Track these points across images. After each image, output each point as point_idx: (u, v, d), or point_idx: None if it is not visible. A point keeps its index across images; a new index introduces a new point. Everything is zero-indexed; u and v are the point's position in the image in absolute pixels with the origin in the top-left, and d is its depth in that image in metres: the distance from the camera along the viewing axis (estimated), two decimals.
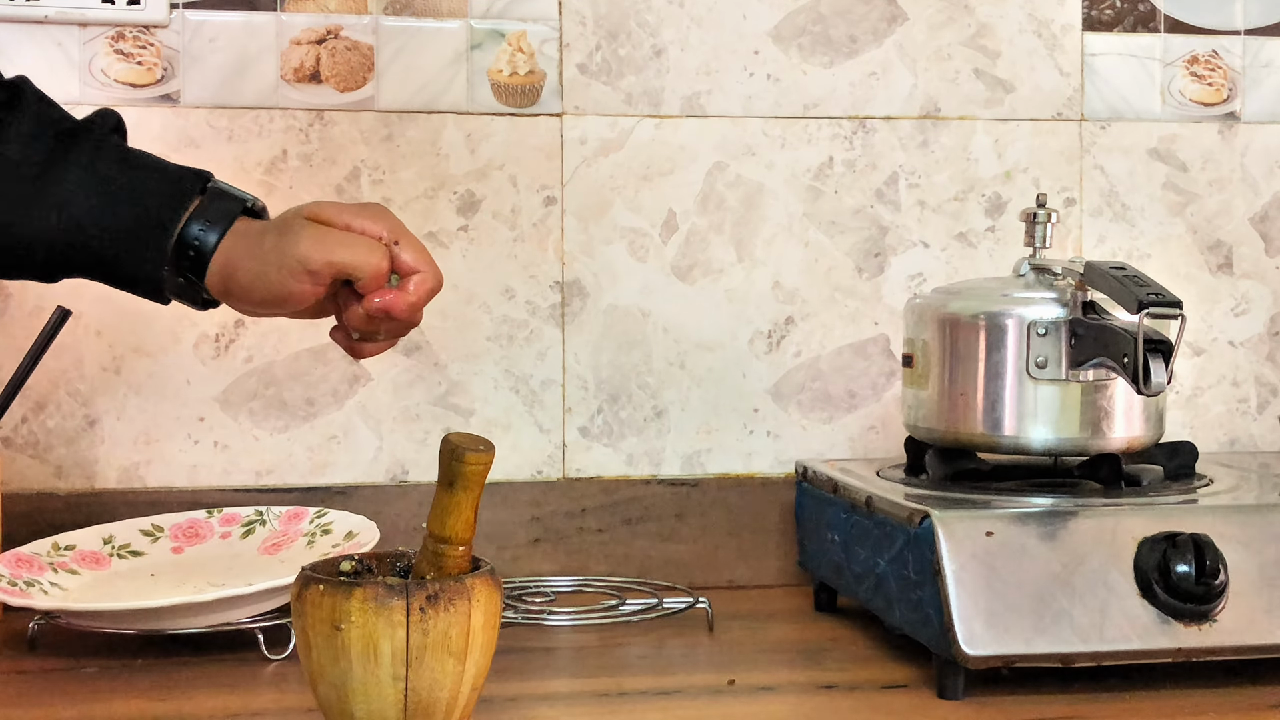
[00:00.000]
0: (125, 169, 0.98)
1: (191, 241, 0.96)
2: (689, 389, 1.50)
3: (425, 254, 0.97)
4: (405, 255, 0.96)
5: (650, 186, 1.50)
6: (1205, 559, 1.07)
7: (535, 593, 1.41)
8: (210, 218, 0.97)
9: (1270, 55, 1.58)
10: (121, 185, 0.97)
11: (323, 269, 0.94)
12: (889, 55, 1.52)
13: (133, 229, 0.96)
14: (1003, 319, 1.23)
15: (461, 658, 0.91)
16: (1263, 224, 1.58)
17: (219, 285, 0.97)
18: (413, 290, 0.96)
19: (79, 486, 1.42)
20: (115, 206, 0.96)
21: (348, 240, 0.95)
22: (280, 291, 0.95)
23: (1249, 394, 1.58)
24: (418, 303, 0.97)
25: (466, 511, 0.94)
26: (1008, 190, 1.54)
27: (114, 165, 0.97)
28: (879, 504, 1.19)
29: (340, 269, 0.94)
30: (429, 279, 0.97)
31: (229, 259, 0.96)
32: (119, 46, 1.42)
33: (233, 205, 0.98)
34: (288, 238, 0.95)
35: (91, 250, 0.96)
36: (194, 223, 0.96)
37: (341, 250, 0.94)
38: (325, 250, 0.94)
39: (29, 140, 0.97)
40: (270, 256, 0.95)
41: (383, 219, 0.97)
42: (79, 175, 0.96)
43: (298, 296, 0.95)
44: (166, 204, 0.96)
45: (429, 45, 1.46)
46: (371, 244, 0.95)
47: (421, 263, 0.97)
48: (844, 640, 1.27)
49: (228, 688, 1.12)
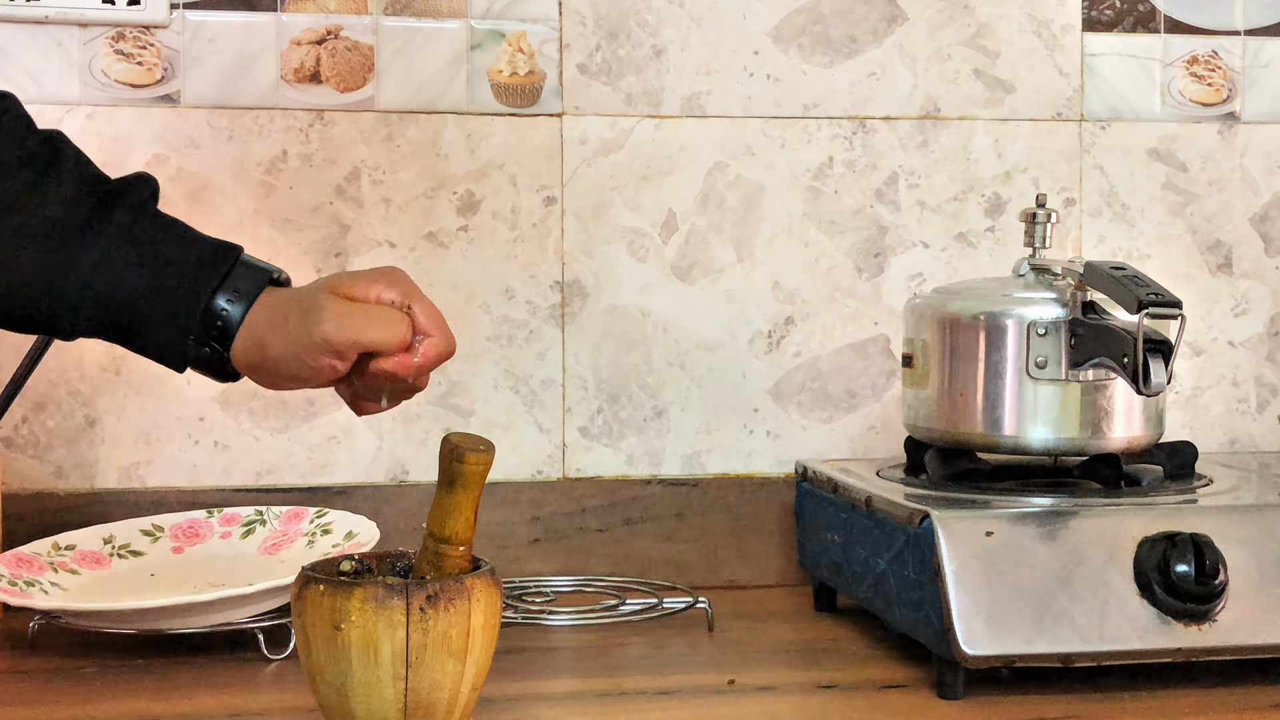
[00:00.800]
0: (159, 236, 0.98)
1: (219, 312, 0.97)
2: (689, 389, 1.50)
3: (439, 317, 0.98)
4: (419, 319, 0.97)
5: (650, 186, 1.50)
6: (1205, 559, 1.07)
7: (535, 593, 1.41)
8: (238, 289, 0.98)
9: (1270, 55, 1.58)
10: (156, 252, 0.97)
11: (349, 348, 0.95)
12: (889, 55, 1.52)
13: (162, 296, 0.97)
14: (1002, 319, 1.23)
15: (461, 658, 0.91)
16: (1262, 224, 1.58)
17: (250, 361, 0.98)
18: (421, 354, 0.97)
19: (79, 486, 1.42)
20: (148, 272, 0.97)
21: (370, 317, 0.96)
22: (310, 369, 0.96)
23: (1249, 394, 1.58)
24: (425, 366, 0.97)
25: (466, 511, 0.94)
26: (1008, 190, 1.54)
27: (150, 231, 0.98)
28: (879, 504, 1.19)
29: (365, 346, 0.95)
30: (439, 344, 0.98)
31: (255, 334, 0.97)
32: (119, 47, 1.42)
33: (260, 278, 0.99)
34: (313, 317, 0.95)
35: (119, 314, 0.97)
36: (221, 294, 0.97)
37: (366, 328, 0.95)
38: (350, 330, 0.95)
39: (71, 202, 0.97)
40: (297, 335, 0.96)
41: (398, 284, 0.98)
42: (116, 239, 0.97)
43: (326, 372, 0.96)
44: (197, 275, 0.97)
45: (429, 45, 1.46)
46: (393, 317, 0.96)
47: (434, 327, 0.97)
48: (844, 640, 1.27)
49: (228, 688, 1.12)
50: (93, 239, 0.96)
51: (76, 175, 0.99)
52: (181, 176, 1.43)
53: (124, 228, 0.97)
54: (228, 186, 1.44)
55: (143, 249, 0.97)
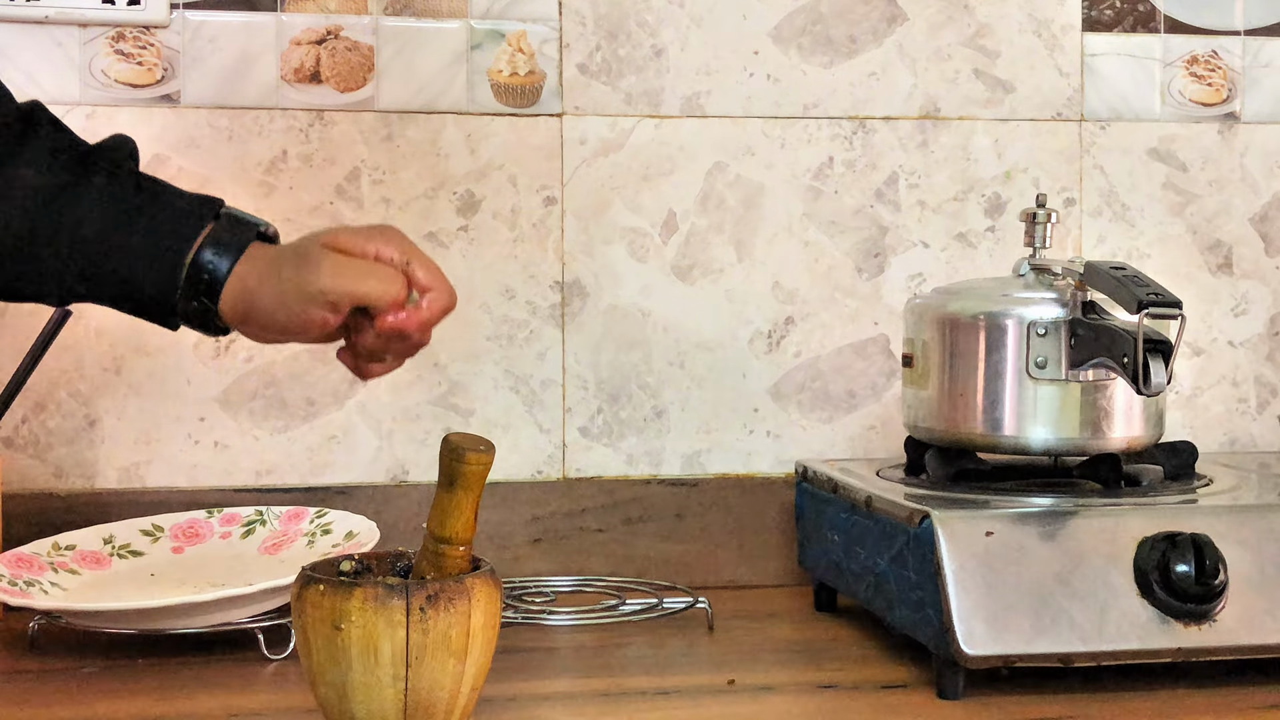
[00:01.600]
0: (139, 194, 0.98)
1: (205, 266, 0.97)
2: (689, 389, 1.50)
3: (438, 272, 0.99)
4: (419, 275, 0.98)
5: (650, 186, 1.50)
6: (1205, 559, 1.07)
7: (535, 593, 1.41)
8: (223, 243, 0.98)
9: (1270, 55, 1.58)
10: (136, 209, 0.97)
11: (343, 300, 0.95)
12: (889, 55, 1.52)
13: (147, 253, 0.97)
14: (1002, 319, 1.23)
15: (461, 658, 0.91)
16: (1262, 224, 1.58)
17: (236, 312, 0.98)
18: (426, 309, 0.97)
19: (79, 486, 1.42)
20: (130, 230, 0.97)
21: (366, 270, 0.96)
22: (301, 321, 0.96)
23: (1249, 394, 1.58)
24: (430, 320, 0.98)
25: (467, 511, 0.94)
26: (1007, 190, 1.54)
27: (129, 189, 0.98)
28: (879, 504, 1.19)
29: (360, 299, 0.96)
30: (442, 297, 0.98)
31: (246, 286, 0.97)
32: (119, 47, 1.42)
33: (246, 231, 0.99)
34: (307, 268, 0.96)
35: (105, 272, 0.97)
36: (207, 248, 0.97)
37: (361, 281, 0.96)
38: (346, 281, 0.95)
39: (47, 164, 0.98)
40: (290, 287, 0.96)
41: (395, 241, 0.98)
42: (95, 197, 0.97)
43: (318, 325, 0.96)
44: (180, 229, 0.97)
45: (429, 45, 1.46)
46: (389, 272, 0.97)
47: (435, 281, 0.98)
48: (844, 640, 1.27)
49: (228, 688, 1.12)
50: (73, 201, 0.96)
51: (52, 140, 0.99)
52: (181, 176, 1.43)
53: (102, 188, 0.97)
54: (228, 186, 1.43)
55: (123, 207, 0.97)
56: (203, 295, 0.97)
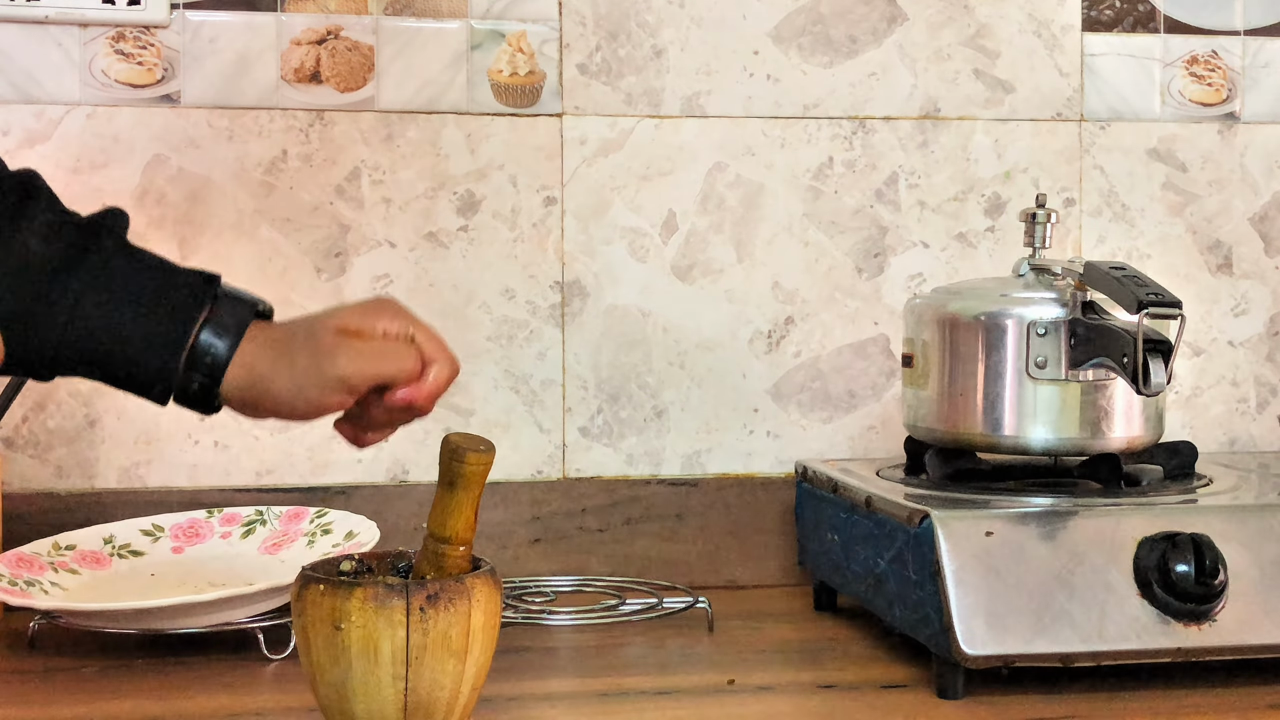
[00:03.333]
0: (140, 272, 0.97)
1: (206, 349, 0.97)
2: (689, 389, 1.50)
3: (440, 343, 1.00)
4: (425, 347, 0.99)
5: (650, 186, 1.50)
6: (1205, 559, 1.07)
7: (535, 593, 1.41)
8: (223, 325, 0.97)
9: (1270, 55, 1.58)
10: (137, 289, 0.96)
11: (364, 384, 0.96)
12: (889, 55, 1.52)
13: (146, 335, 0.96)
14: (1002, 319, 1.23)
15: (461, 657, 0.91)
16: (1262, 224, 1.58)
17: (244, 397, 0.98)
18: (432, 381, 0.98)
19: (79, 486, 1.42)
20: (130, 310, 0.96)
21: (381, 351, 0.97)
22: (319, 407, 0.97)
23: (1248, 394, 1.58)
24: (437, 392, 0.99)
25: (467, 511, 0.95)
26: (1007, 190, 1.54)
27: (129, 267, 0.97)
28: (879, 504, 1.19)
29: (382, 381, 0.97)
30: (446, 368, 0.99)
31: (257, 373, 0.97)
32: (119, 47, 1.42)
33: (244, 310, 0.98)
34: (323, 356, 0.96)
35: (101, 353, 0.96)
36: (206, 330, 0.97)
37: (380, 363, 0.97)
38: (365, 365, 0.96)
39: (49, 235, 0.97)
40: (307, 376, 0.96)
41: (399, 315, 0.99)
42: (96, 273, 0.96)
43: (335, 409, 0.98)
44: (179, 312, 0.97)
45: (429, 45, 1.46)
46: (403, 349, 0.98)
47: (438, 353, 0.99)
48: (844, 640, 1.27)
49: (228, 688, 1.12)
50: (70, 279, 0.95)
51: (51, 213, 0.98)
52: (181, 176, 1.43)
53: (102, 265, 0.96)
54: (228, 186, 1.44)
55: (123, 286, 0.96)
56: (204, 377, 0.97)
